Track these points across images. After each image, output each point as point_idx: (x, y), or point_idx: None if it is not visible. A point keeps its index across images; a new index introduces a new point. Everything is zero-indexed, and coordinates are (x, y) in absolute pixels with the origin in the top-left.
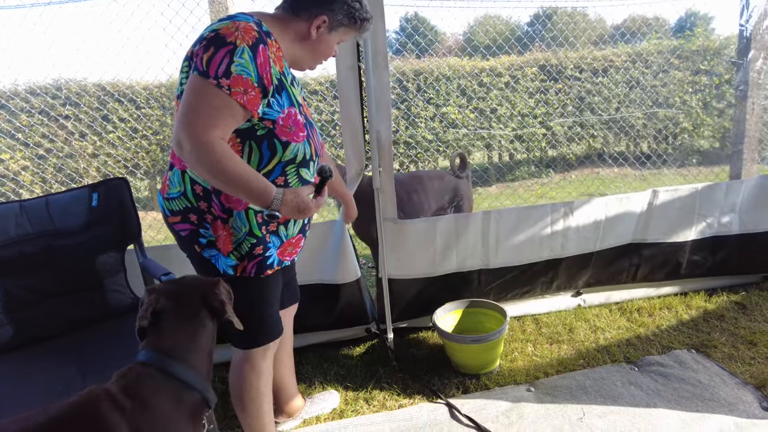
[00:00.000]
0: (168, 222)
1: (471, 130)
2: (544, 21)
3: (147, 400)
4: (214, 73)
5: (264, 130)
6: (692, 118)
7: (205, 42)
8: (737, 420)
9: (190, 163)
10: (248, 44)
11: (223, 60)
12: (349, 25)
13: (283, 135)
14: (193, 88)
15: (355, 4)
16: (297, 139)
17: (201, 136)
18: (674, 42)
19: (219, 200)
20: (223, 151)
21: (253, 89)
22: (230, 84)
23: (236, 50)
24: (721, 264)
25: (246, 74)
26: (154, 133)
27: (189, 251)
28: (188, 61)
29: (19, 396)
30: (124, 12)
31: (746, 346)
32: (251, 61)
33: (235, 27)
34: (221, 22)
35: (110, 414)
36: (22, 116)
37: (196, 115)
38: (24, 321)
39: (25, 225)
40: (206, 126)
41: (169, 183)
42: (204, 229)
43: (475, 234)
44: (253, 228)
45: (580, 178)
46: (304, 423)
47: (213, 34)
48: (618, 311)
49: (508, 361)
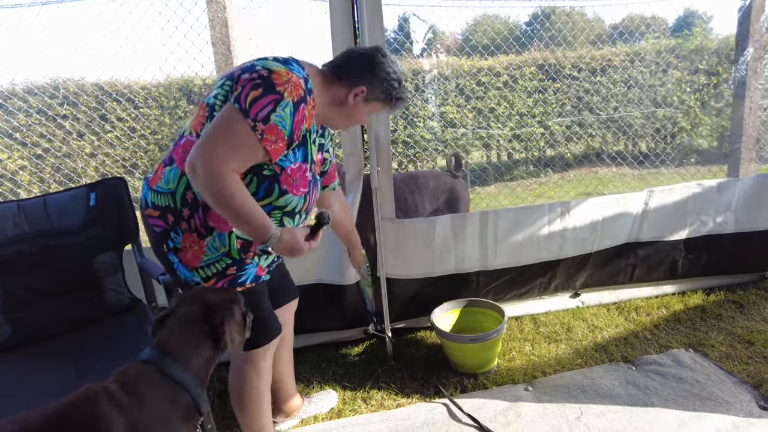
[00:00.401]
0: (144, 213)
1: (469, 129)
2: (543, 20)
3: (144, 397)
4: (254, 115)
5: (270, 173)
6: (690, 118)
7: (257, 78)
8: (734, 419)
9: (199, 188)
10: (293, 100)
11: (267, 106)
12: (384, 101)
13: (285, 184)
14: (227, 120)
15: (393, 83)
16: (296, 192)
17: (217, 166)
18: (672, 41)
19: (204, 215)
20: (234, 185)
21: (282, 141)
22: (264, 130)
23: (281, 102)
24: (718, 263)
25: (281, 126)
26: (152, 133)
27: (157, 248)
28: (230, 81)
29: (17, 396)
30: (121, 11)
31: (743, 346)
32: (290, 116)
33: (287, 78)
34: (277, 63)
35: (108, 410)
36: (19, 116)
37: (220, 147)
38: (22, 321)
39: (23, 225)
40: (225, 158)
41: (163, 177)
42: (174, 233)
43: (473, 234)
44: (232, 251)
45: (579, 178)
46: (302, 422)
47: (266, 74)
48: (616, 310)
49: (506, 361)
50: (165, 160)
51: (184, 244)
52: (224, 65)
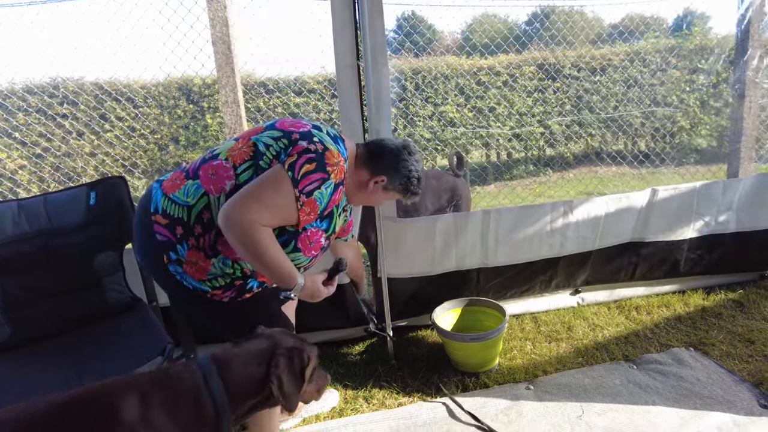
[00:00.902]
0: (149, 218)
1: (469, 128)
2: (542, 20)
3: (172, 394)
4: (302, 187)
5: (293, 229)
6: (690, 117)
7: (313, 153)
8: (735, 417)
9: (232, 239)
10: (335, 182)
11: (314, 183)
12: (400, 192)
13: (301, 243)
14: (275, 182)
15: (413, 180)
16: (307, 253)
17: (252, 220)
18: (672, 41)
19: (215, 239)
20: (268, 239)
21: (314, 214)
22: (305, 202)
23: (326, 182)
24: (719, 262)
25: (319, 202)
26: (152, 132)
27: (155, 257)
28: (286, 140)
29: (19, 396)
30: (121, 10)
31: (744, 344)
32: (329, 196)
33: (337, 160)
34: (330, 140)
35: (130, 402)
36: (19, 115)
37: (261, 204)
38: (22, 320)
39: (23, 224)
40: (261, 214)
41: (183, 188)
42: (181, 247)
43: (474, 233)
44: (236, 272)
45: (578, 177)
46: (304, 421)
47: (322, 150)
48: (616, 309)
49: (507, 360)
50: (188, 172)
51: (190, 259)
52: (224, 64)
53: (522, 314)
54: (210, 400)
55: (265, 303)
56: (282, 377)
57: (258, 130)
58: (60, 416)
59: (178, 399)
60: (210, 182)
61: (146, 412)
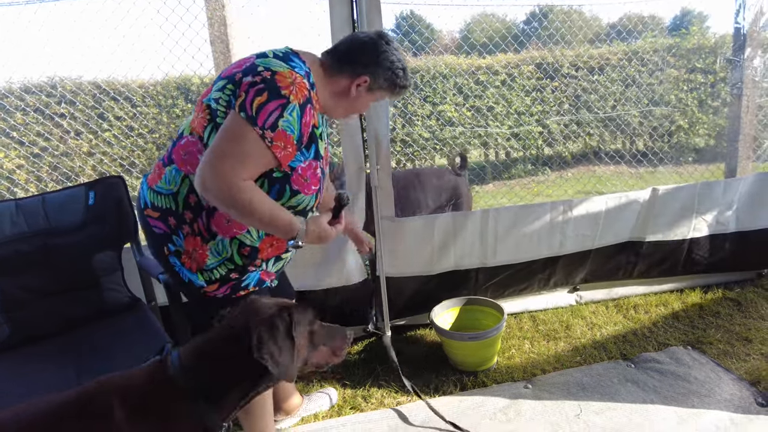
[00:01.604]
0: (143, 213)
1: (468, 128)
2: (541, 19)
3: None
4: (262, 123)
5: (281, 174)
6: (688, 116)
7: (260, 82)
8: (732, 416)
9: (216, 204)
10: (299, 102)
11: (274, 112)
12: (387, 89)
13: (296, 184)
14: (233, 131)
15: (398, 72)
16: (308, 191)
17: (230, 180)
18: (670, 40)
19: (207, 220)
20: (252, 193)
21: (291, 146)
22: (273, 137)
23: (288, 106)
24: (718, 261)
25: (290, 131)
26: (150, 132)
27: (158, 250)
28: (232, 85)
29: (18, 395)
30: (120, 9)
31: (741, 343)
32: (298, 120)
33: (291, 79)
34: (278, 62)
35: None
36: (17, 114)
37: (229, 160)
38: (20, 320)
39: (21, 224)
40: (236, 170)
41: (163, 177)
42: (177, 237)
43: (473, 232)
44: (234, 256)
45: (577, 176)
46: (303, 421)
47: (269, 76)
48: (614, 308)
49: (505, 359)
50: (164, 159)
51: (187, 248)
52: (223, 64)
53: (520, 313)
54: (188, 398)
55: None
56: (273, 352)
57: (208, 90)
58: (59, 416)
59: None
60: (185, 163)
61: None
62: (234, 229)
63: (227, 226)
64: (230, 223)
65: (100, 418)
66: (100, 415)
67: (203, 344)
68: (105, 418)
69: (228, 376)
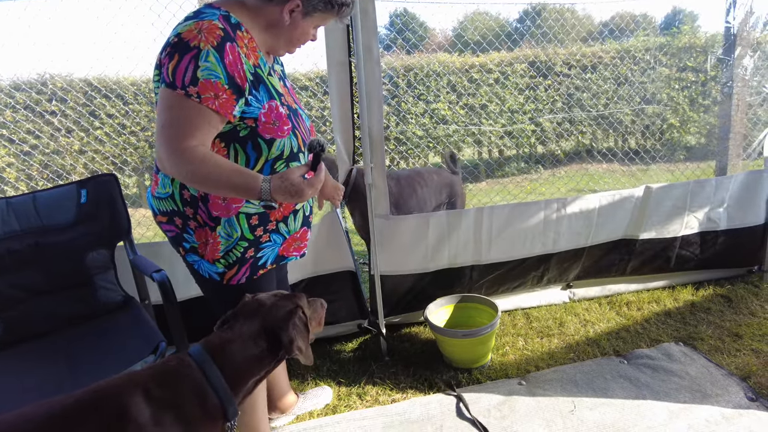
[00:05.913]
0: (156, 220)
1: (461, 126)
2: (534, 17)
3: (176, 391)
4: (181, 82)
5: (246, 130)
6: (679, 115)
7: (170, 49)
8: (723, 410)
9: (175, 176)
10: (213, 45)
11: (188, 67)
12: (325, 10)
13: (267, 132)
14: (163, 103)
15: None
16: (282, 134)
17: (177, 147)
18: (661, 39)
19: (206, 207)
20: (201, 158)
21: (224, 92)
22: (199, 91)
23: (200, 54)
24: (709, 258)
25: (214, 77)
26: (143, 129)
27: (177, 252)
28: (158, 69)
29: (11, 394)
30: (111, 6)
31: (732, 339)
32: (218, 62)
33: (197, 29)
34: (185, 23)
35: (136, 401)
36: (6, 112)
37: (171, 129)
38: (13, 319)
39: (12, 222)
40: (182, 137)
41: (159, 183)
42: (187, 234)
43: (467, 230)
44: (245, 232)
45: (569, 174)
46: (297, 419)
47: (176, 40)
48: (607, 305)
49: (499, 356)
50: (155, 167)
51: (200, 241)
52: None
53: (514, 310)
54: (212, 390)
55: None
56: (301, 347)
57: None
58: (71, 418)
59: (182, 395)
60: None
61: (154, 411)
62: (233, 205)
63: (225, 206)
64: (226, 201)
65: (121, 415)
66: (120, 411)
67: (229, 339)
68: (127, 414)
69: (251, 368)
